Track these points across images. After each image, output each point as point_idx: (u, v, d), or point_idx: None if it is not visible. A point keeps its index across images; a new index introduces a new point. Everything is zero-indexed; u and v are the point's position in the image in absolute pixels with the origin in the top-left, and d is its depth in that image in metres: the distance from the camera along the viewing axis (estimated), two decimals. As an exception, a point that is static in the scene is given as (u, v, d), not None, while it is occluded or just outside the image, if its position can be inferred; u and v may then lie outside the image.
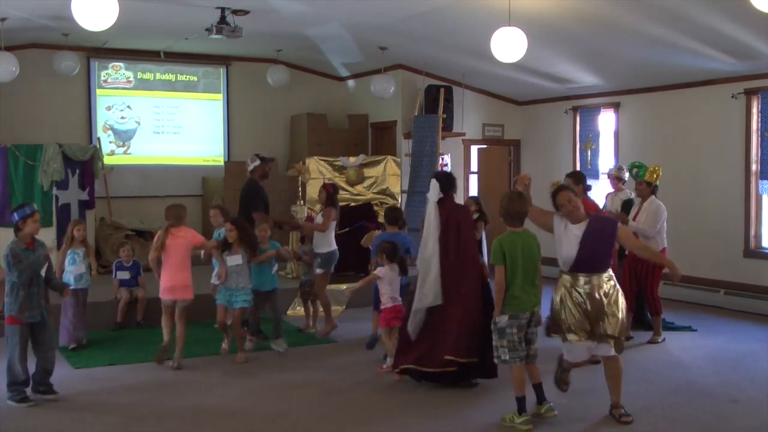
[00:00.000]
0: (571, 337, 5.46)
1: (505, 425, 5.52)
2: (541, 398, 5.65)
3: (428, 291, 6.20)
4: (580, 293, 5.44)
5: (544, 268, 5.87)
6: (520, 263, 5.46)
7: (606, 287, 5.48)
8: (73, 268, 7.64)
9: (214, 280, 8.51)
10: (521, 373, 5.52)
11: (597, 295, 5.42)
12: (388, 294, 6.97)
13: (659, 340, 7.99)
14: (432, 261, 6.24)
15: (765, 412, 5.89)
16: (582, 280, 5.46)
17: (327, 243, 8.30)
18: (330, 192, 8.42)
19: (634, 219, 7.99)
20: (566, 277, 5.54)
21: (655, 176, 8.03)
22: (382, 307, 7.02)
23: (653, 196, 8.03)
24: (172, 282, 7.05)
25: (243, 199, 8.48)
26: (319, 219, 8.46)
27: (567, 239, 5.51)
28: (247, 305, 7.33)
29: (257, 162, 8.51)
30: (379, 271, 6.99)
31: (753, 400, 6.16)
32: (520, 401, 5.51)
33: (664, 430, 5.51)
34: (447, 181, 6.53)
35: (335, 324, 8.33)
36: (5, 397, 6.05)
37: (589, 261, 5.46)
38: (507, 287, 5.45)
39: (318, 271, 8.31)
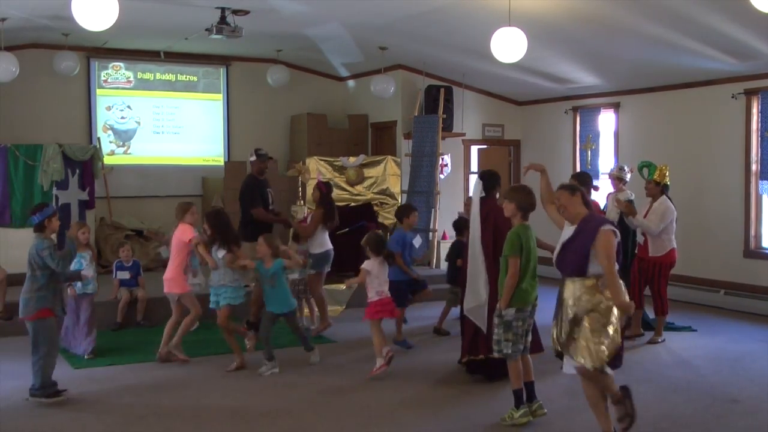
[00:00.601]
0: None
1: (505, 424, 5.53)
2: (531, 396, 5.64)
3: (482, 289, 6.26)
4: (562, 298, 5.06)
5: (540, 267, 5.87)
6: (531, 256, 5.46)
7: (584, 300, 4.88)
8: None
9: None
10: (519, 366, 5.52)
11: (569, 302, 4.96)
12: (375, 288, 6.91)
13: (659, 340, 8.01)
14: (478, 259, 6.33)
15: (765, 412, 5.89)
16: (567, 283, 5.02)
17: (319, 244, 8.26)
18: (323, 191, 8.37)
19: (644, 217, 7.95)
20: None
21: (662, 175, 7.99)
22: (369, 300, 6.95)
23: (664, 196, 7.98)
24: (165, 274, 7.43)
25: (241, 197, 8.62)
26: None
27: (561, 240, 5.20)
28: (232, 302, 7.08)
29: (253, 157, 8.68)
30: (367, 264, 6.93)
31: (753, 400, 6.16)
32: (518, 394, 5.54)
33: (664, 430, 5.51)
34: (490, 181, 6.56)
35: (329, 323, 8.33)
36: (35, 395, 6.07)
37: (561, 263, 5.08)
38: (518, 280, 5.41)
39: (310, 271, 8.30)
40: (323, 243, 8.30)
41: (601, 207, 8.43)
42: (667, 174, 8.05)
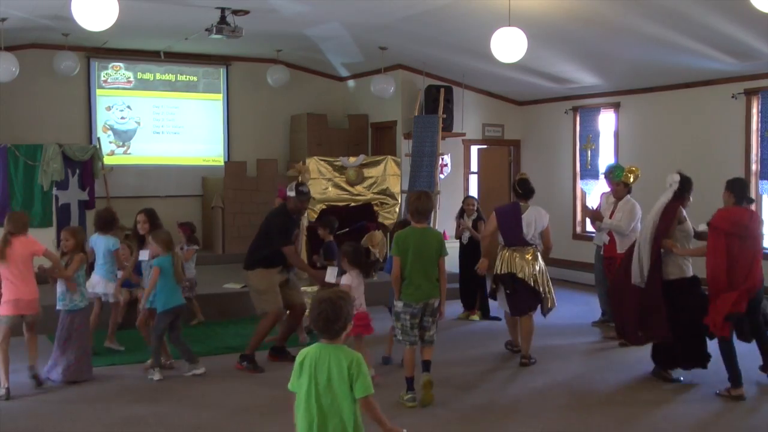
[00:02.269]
0: None
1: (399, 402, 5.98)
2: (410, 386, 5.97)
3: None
4: None
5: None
6: (413, 257, 5.84)
7: None
8: (56, 285, 6.68)
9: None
10: (411, 356, 5.98)
11: None
12: (356, 301, 6.24)
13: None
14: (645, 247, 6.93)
15: (765, 412, 5.90)
16: None
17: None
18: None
19: (610, 217, 8.05)
20: None
21: (632, 177, 8.03)
22: None
23: (628, 196, 8.08)
24: None
25: (271, 231, 7.29)
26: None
27: None
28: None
29: (293, 193, 7.27)
30: (346, 279, 6.48)
31: (753, 400, 6.17)
32: (409, 381, 5.96)
33: (664, 430, 5.52)
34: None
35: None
36: None
37: None
38: (403, 277, 5.88)
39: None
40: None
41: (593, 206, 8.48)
42: (637, 176, 8.07)
